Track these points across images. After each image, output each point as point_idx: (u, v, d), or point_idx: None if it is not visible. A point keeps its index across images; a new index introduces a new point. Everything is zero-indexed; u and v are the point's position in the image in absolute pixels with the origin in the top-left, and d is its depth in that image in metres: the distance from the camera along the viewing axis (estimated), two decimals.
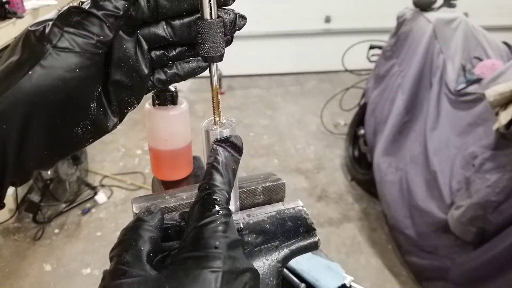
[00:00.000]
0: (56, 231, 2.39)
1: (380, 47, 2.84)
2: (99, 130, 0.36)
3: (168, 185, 0.61)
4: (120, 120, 0.37)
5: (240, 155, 0.38)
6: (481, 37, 2.26)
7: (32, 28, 0.31)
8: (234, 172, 0.37)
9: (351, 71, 3.40)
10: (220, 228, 0.31)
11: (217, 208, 0.33)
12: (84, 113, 0.34)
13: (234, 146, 0.38)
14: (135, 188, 2.79)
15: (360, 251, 2.30)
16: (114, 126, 0.37)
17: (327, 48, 4.77)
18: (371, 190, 2.65)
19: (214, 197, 0.33)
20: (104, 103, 0.36)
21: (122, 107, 0.37)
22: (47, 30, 0.31)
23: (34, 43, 0.31)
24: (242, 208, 0.45)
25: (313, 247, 0.43)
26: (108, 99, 0.36)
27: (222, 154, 0.37)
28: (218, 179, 0.35)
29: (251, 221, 0.41)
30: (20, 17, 2.37)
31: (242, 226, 0.40)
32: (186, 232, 0.33)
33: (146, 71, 0.37)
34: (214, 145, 0.38)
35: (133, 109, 0.38)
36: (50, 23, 0.31)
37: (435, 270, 1.88)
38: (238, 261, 0.31)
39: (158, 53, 0.38)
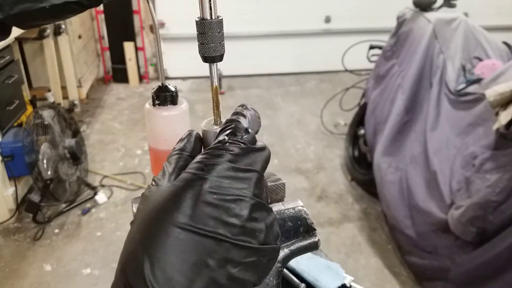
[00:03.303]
0: (56, 231, 2.39)
1: (380, 47, 2.83)
2: None
3: None
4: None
5: (260, 125, 0.39)
6: (481, 37, 2.26)
7: None
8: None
9: (351, 71, 3.40)
10: (224, 157, 0.32)
11: (226, 138, 0.34)
12: None
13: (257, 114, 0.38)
14: (135, 188, 2.79)
15: (360, 251, 2.30)
16: None
17: (327, 48, 4.78)
18: (371, 190, 2.65)
19: (233, 130, 0.34)
20: None
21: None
22: None
23: None
24: None
25: (313, 247, 0.43)
26: None
27: (250, 111, 0.37)
28: (244, 122, 0.36)
29: None
30: None
31: None
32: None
33: None
34: (243, 105, 0.38)
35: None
36: None
37: (435, 270, 1.88)
38: (224, 189, 0.31)
39: None
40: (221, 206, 0.30)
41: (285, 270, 0.71)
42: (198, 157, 0.33)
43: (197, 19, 0.38)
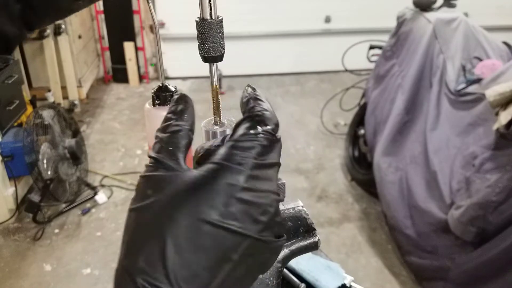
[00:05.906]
0: (56, 231, 2.39)
1: (380, 47, 2.83)
2: None
3: None
4: None
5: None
6: (481, 37, 2.25)
7: None
8: None
9: (351, 71, 3.40)
10: (255, 150, 0.30)
11: (260, 129, 0.32)
12: None
13: None
14: (135, 188, 2.79)
15: (360, 251, 2.30)
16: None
17: (327, 48, 4.77)
18: (371, 190, 2.65)
19: (262, 119, 0.32)
20: None
21: None
22: None
23: None
24: None
25: (313, 247, 0.43)
26: None
27: (265, 102, 0.35)
28: (266, 107, 0.34)
29: None
30: None
31: None
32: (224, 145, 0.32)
33: None
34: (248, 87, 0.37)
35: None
36: None
37: (435, 270, 1.88)
38: (260, 182, 0.30)
39: None
40: (254, 203, 0.29)
41: (285, 270, 0.71)
42: (228, 145, 0.31)
43: (197, 19, 0.38)
